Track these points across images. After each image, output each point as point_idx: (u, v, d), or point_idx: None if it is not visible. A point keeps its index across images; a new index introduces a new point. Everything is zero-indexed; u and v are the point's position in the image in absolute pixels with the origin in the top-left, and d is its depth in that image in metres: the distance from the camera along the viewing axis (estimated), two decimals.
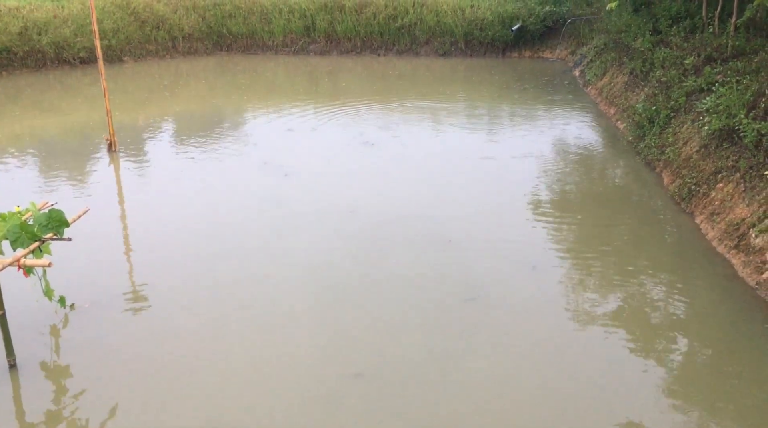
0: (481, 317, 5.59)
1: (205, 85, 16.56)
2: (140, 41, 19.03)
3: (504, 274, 6.35)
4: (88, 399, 4.53)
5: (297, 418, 4.38)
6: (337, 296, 5.91)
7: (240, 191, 8.68)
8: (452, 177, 9.18)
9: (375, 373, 4.84)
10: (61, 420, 4.35)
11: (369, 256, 6.69)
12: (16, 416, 4.42)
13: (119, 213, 8.11)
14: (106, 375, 4.78)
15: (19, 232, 4.59)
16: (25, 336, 5.05)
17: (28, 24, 16.83)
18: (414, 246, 6.91)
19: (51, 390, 4.66)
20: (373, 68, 18.53)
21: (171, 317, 5.54)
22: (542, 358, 5.04)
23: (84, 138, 11.41)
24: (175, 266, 6.48)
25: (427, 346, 5.15)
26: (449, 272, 6.38)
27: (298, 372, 4.84)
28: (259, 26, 20.33)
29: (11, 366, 4.73)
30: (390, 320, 5.53)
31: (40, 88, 15.64)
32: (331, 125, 12.34)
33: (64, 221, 4.87)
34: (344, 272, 6.36)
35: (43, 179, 9.23)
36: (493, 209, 7.98)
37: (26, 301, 5.40)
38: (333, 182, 8.98)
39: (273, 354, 5.07)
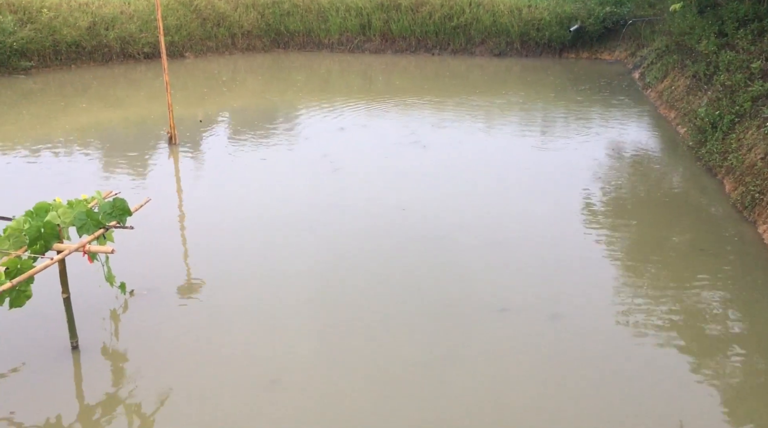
0: (532, 324, 5.53)
1: (262, 82, 16.87)
2: (201, 38, 19.53)
3: (553, 279, 6.26)
4: (143, 383, 4.70)
5: (353, 411, 4.43)
6: (385, 291, 5.94)
7: (292, 185, 8.82)
8: (503, 178, 9.11)
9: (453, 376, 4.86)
10: (118, 402, 4.52)
11: (417, 255, 6.71)
12: (77, 396, 4.62)
13: (177, 204, 8.36)
14: (162, 360, 4.94)
15: (85, 219, 4.79)
16: (87, 319, 5.27)
17: (97, 19, 17.48)
18: (461, 245, 6.89)
19: (109, 372, 4.85)
20: (427, 67, 18.51)
21: (225, 306, 5.69)
22: (594, 366, 4.96)
23: (145, 131, 11.80)
24: (230, 256, 6.64)
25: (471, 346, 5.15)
26: (496, 272, 6.33)
27: (351, 365, 4.90)
28: (315, 24, 20.57)
29: (74, 347, 4.95)
30: (437, 317, 5.53)
31: (105, 82, 16.22)
32: (383, 123, 12.41)
33: (127, 210, 5.06)
34: (393, 269, 6.39)
35: (105, 169, 9.59)
36: (543, 212, 7.88)
37: (89, 286, 5.63)
38: (383, 179, 9.03)
39: (324, 346, 5.14)
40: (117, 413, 4.41)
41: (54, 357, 4.90)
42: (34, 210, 4.81)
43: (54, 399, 4.50)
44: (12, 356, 4.92)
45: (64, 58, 17.23)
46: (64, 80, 16.10)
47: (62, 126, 12.16)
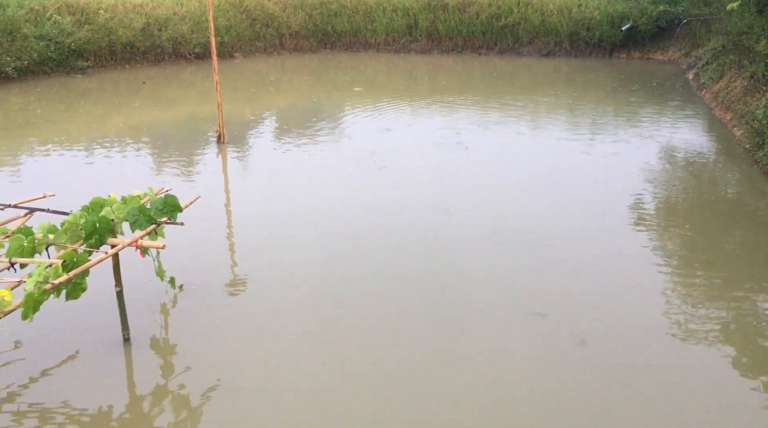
0: (572, 329, 5.43)
1: (309, 82, 17.03)
2: (250, 38, 19.86)
3: (598, 282, 6.13)
4: (191, 377, 4.79)
5: (392, 411, 4.43)
6: (427, 290, 5.92)
7: (336, 183, 8.89)
8: (549, 179, 8.97)
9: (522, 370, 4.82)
10: (167, 394, 4.63)
11: (459, 255, 6.66)
12: (128, 387, 4.74)
13: (225, 201, 8.52)
14: (209, 354, 5.04)
15: (138, 214, 4.92)
16: (138, 312, 5.41)
17: (150, 20, 17.95)
18: (504, 246, 6.81)
19: (158, 364, 4.97)
20: (473, 68, 18.39)
21: (271, 303, 5.76)
22: (644, 375, 4.83)
23: (195, 129, 12.05)
24: (276, 252, 6.73)
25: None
26: (538, 275, 6.23)
27: (389, 361, 4.90)
28: (362, 24, 20.68)
29: (125, 339, 5.08)
30: (475, 318, 5.48)
31: (157, 82, 16.65)
32: (428, 123, 12.39)
33: (178, 207, 5.17)
34: (434, 267, 6.36)
35: (156, 166, 9.84)
36: (590, 214, 7.72)
37: (141, 280, 5.78)
38: (427, 179, 9.01)
39: (369, 342, 5.15)
40: (165, 405, 4.51)
41: (106, 348, 5.04)
42: (90, 205, 4.96)
43: (105, 389, 4.63)
44: (66, 346, 5.09)
45: (119, 58, 17.76)
46: (119, 80, 16.59)
47: (116, 124, 12.53)
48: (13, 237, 4.51)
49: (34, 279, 4.02)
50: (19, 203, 5.45)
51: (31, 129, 12.13)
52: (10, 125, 12.55)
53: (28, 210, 5.39)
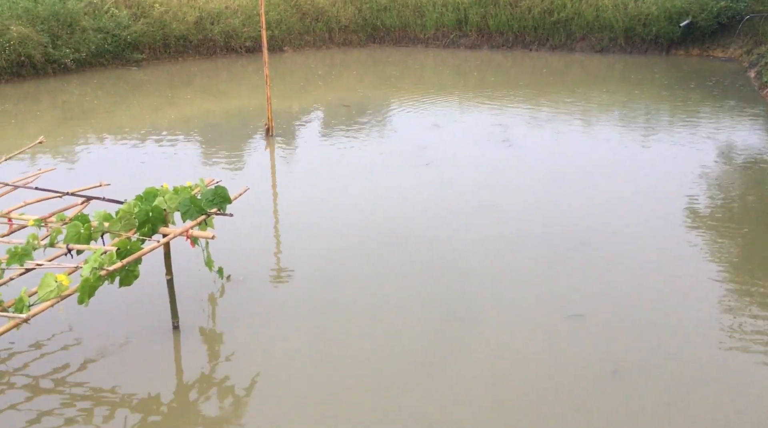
0: (610, 332, 5.27)
1: (357, 76, 17.07)
2: (300, 32, 20.02)
3: (645, 286, 5.93)
4: (236, 366, 4.85)
5: (423, 406, 4.39)
6: (470, 289, 5.85)
7: (382, 178, 8.87)
8: (598, 178, 8.75)
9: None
10: (213, 382, 4.69)
11: (503, 252, 6.56)
12: (176, 374, 4.83)
13: (272, 194, 8.60)
14: (254, 344, 5.09)
15: (189, 205, 5.00)
16: (187, 301, 5.50)
17: (203, 14, 18.28)
18: (547, 244, 6.66)
19: (205, 353, 5.04)
20: (524, 63, 18.11)
21: (315, 295, 5.78)
22: (688, 386, 4.66)
23: (244, 122, 12.22)
24: (321, 246, 6.75)
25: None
26: (581, 275, 6.08)
27: (455, 362, 4.86)
28: (412, 19, 20.61)
29: (174, 327, 5.17)
30: (514, 318, 5.39)
31: (209, 75, 16.95)
32: (476, 119, 12.27)
33: (228, 198, 5.23)
34: (475, 266, 6.28)
35: (206, 158, 10.01)
36: (641, 215, 7.49)
37: (190, 269, 5.87)
38: (473, 175, 8.91)
39: (412, 336, 5.12)
40: (211, 393, 4.57)
41: (155, 336, 5.15)
42: (143, 195, 5.07)
43: (154, 374, 4.72)
44: (118, 331, 5.21)
45: (172, 51, 18.14)
46: (172, 72, 16.95)
47: (168, 116, 12.81)
48: (71, 224, 4.63)
49: (90, 265, 4.13)
50: (76, 192, 5.61)
51: (87, 119, 12.51)
52: (68, 116, 12.97)
53: (85, 198, 5.54)
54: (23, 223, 5.12)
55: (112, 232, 4.78)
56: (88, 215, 4.88)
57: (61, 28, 16.09)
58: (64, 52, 15.90)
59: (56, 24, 15.98)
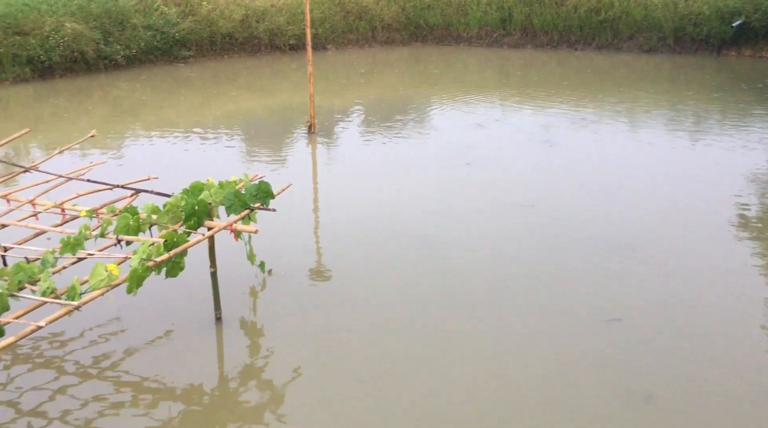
0: (651, 335, 5.16)
1: (398, 75, 17.09)
2: (343, 30, 20.14)
3: (687, 292, 5.79)
4: (276, 358, 4.92)
5: (469, 409, 4.39)
6: (511, 288, 5.81)
7: (422, 177, 8.87)
8: (643, 180, 8.57)
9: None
10: (253, 374, 4.77)
11: (541, 254, 6.49)
12: (218, 365, 4.93)
13: (313, 190, 8.69)
14: (293, 338, 5.16)
15: (233, 199, 5.10)
16: (229, 294, 5.61)
17: (249, 12, 18.55)
18: (590, 248, 6.56)
19: (246, 345, 5.14)
20: (569, 63, 17.85)
21: (354, 292, 5.83)
22: (734, 404, 4.54)
23: (287, 119, 12.37)
24: (360, 243, 6.80)
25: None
26: (620, 277, 5.97)
27: (476, 364, 4.85)
28: (455, 18, 20.52)
29: (217, 319, 5.28)
30: (546, 323, 5.32)
31: (253, 72, 17.20)
32: (518, 118, 12.15)
33: (271, 193, 5.32)
34: (514, 268, 6.23)
35: (249, 153, 10.17)
36: (687, 218, 7.31)
37: (232, 263, 5.98)
38: (514, 174, 8.85)
39: (446, 331, 5.12)
40: (251, 385, 4.65)
41: (199, 327, 5.26)
42: (189, 189, 5.18)
43: (197, 365, 4.82)
44: (162, 322, 5.34)
45: (218, 49, 18.47)
46: (218, 69, 17.25)
47: (213, 112, 13.05)
48: (121, 216, 4.78)
49: (138, 256, 4.25)
50: (126, 184, 5.78)
51: (136, 114, 12.84)
52: (118, 111, 13.33)
53: (134, 191, 5.70)
54: (76, 214, 5.31)
55: (159, 224, 4.91)
56: (137, 208, 5.02)
57: (113, 25, 16.55)
58: (115, 49, 16.35)
59: (108, 21, 16.44)
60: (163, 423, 4.22)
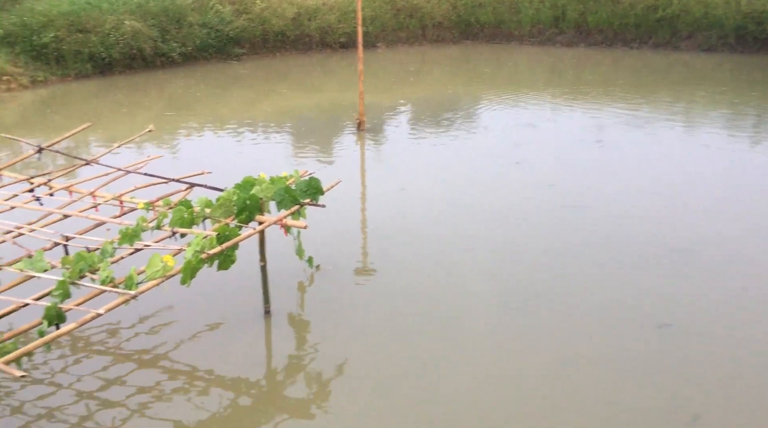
0: (708, 345, 5.00)
1: (449, 73, 17.02)
2: (393, 28, 20.17)
3: (737, 302, 5.59)
4: (322, 353, 4.98)
5: (511, 405, 4.35)
6: (558, 290, 5.72)
7: (471, 176, 8.82)
8: (698, 183, 8.31)
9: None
10: (300, 367, 4.84)
11: (590, 256, 6.36)
12: (265, 356, 5.02)
13: (360, 187, 8.74)
14: (340, 332, 5.20)
15: (284, 195, 5.18)
16: (278, 287, 5.69)
17: (301, 10, 18.78)
18: (642, 252, 6.40)
19: (294, 339, 5.21)
20: (623, 62, 17.44)
21: (400, 289, 5.85)
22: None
23: (336, 117, 12.47)
24: (406, 240, 6.81)
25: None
26: (670, 282, 5.80)
27: (505, 358, 4.81)
28: (507, 16, 20.30)
29: (266, 312, 5.38)
30: (592, 330, 5.21)
31: (304, 70, 17.40)
32: (569, 118, 11.96)
33: (320, 189, 5.38)
34: (562, 270, 6.13)
35: (299, 150, 10.29)
36: (742, 225, 7.05)
37: (281, 257, 6.07)
38: (564, 175, 8.71)
39: (486, 335, 5.09)
40: (298, 378, 4.72)
41: (248, 319, 5.36)
42: (241, 184, 5.29)
43: (245, 357, 4.92)
44: (212, 314, 5.47)
45: (270, 47, 18.76)
46: (269, 67, 17.53)
47: (264, 109, 13.27)
48: (176, 209, 4.91)
49: (192, 248, 4.36)
50: (181, 178, 5.93)
51: (191, 110, 13.16)
52: (174, 107, 13.69)
53: (189, 185, 5.85)
54: (133, 206, 5.48)
55: (212, 218, 5.03)
56: (191, 201, 5.16)
57: (170, 23, 16.99)
58: (171, 46, 16.78)
59: (165, 19, 16.88)
60: (213, 413, 4.32)
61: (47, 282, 4.36)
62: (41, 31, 15.16)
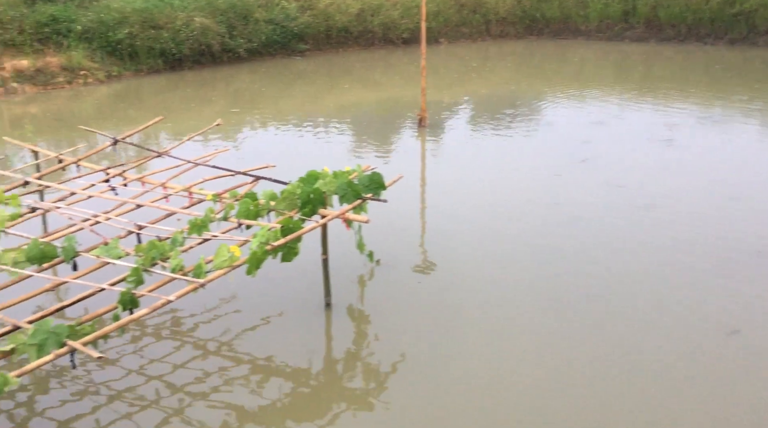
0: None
1: (512, 69, 16.78)
2: (456, 24, 20.05)
3: None
4: (381, 346, 5.01)
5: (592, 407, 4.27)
6: (622, 292, 5.56)
7: (533, 174, 8.68)
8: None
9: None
10: (359, 359, 4.88)
11: (657, 257, 6.15)
12: (325, 349, 5.09)
13: (421, 183, 8.73)
14: (398, 328, 5.22)
15: (346, 189, 5.23)
16: (339, 281, 5.75)
17: (365, 6, 18.88)
18: (715, 255, 6.15)
19: (353, 332, 5.26)
20: (696, 58, 16.78)
21: (458, 286, 5.82)
22: None
23: (397, 112, 12.48)
24: (466, 237, 6.77)
25: None
26: (752, 291, 5.53)
27: (567, 351, 4.71)
28: (574, 10, 19.87)
29: (327, 305, 5.44)
30: (658, 331, 5.03)
31: (366, 65, 17.49)
32: (637, 116, 11.61)
33: (383, 184, 5.41)
34: (632, 273, 5.95)
35: (360, 145, 10.37)
36: None
37: (343, 251, 6.14)
38: (632, 174, 8.46)
39: (549, 333, 5.00)
40: (356, 371, 4.76)
41: (309, 311, 5.44)
42: (305, 177, 5.37)
43: (305, 348, 4.99)
44: (274, 305, 5.58)
45: (334, 42, 18.94)
46: (332, 62, 17.70)
47: (327, 104, 13.42)
48: (242, 201, 5.03)
49: (258, 240, 4.46)
50: (247, 171, 6.07)
51: (255, 105, 13.44)
52: (239, 102, 14.02)
53: (254, 178, 5.98)
54: (202, 197, 5.65)
55: (277, 210, 5.12)
56: (257, 194, 5.27)
57: (237, 19, 17.39)
58: (238, 42, 17.18)
59: (233, 15, 17.29)
60: (273, 401, 4.41)
61: (121, 269, 4.55)
62: (116, 27, 15.78)
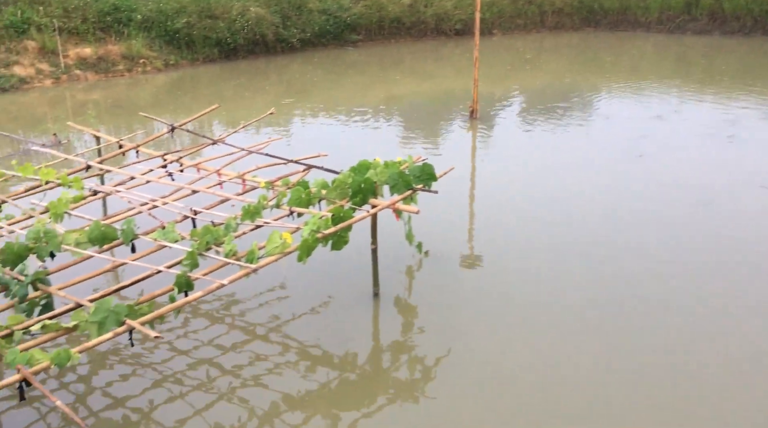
0: None
1: (567, 61, 16.44)
2: (511, 15, 19.74)
3: None
4: (427, 338, 5.00)
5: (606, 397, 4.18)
6: (676, 291, 5.40)
7: (586, 168, 8.50)
8: None
9: None
10: (405, 351, 4.89)
11: (721, 261, 5.94)
12: (372, 338, 5.12)
13: (472, 176, 8.65)
14: (445, 320, 5.20)
15: (397, 179, 5.23)
16: (387, 271, 5.77)
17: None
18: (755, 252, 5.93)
19: (400, 322, 5.27)
20: (763, 51, 16.09)
21: (505, 280, 5.78)
22: None
23: (448, 104, 12.40)
24: (516, 232, 6.70)
25: None
26: None
27: (619, 351, 4.60)
28: (633, 2, 19.33)
29: (375, 294, 5.46)
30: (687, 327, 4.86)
31: (418, 56, 17.41)
32: (697, 110, 11.25)
33: (433, 175, 5.38)
34: (681, 276, 5.76)
35: (410, 136, 10.34)
36: None
37: (392, 241, 6.14)
38: (689, 170, 8.23)
39: (593, 329, 4.89)
40: (402, 361, 4.77)
41: (357, 300, 5.48)
42: (357, 167, 5.39)
43: (353, 336, 5.02)
44: (323, 292, 5.63)
45: (386, 33, 18.92)
46: (384, 53, 17.69)
47: (377, 95, 13.42)
48: (294, 189, 5.09)
49: (309, 228, 4.51)
50: (299, 160, 6.13)
51: (308, 95, 13.56)
52: (291, 91, 14.17)
53: (306, 166, 6.04)
54: (255, 184, 5.73)
55: (328, 199, 5.16)
56: (308, 182, 5.32)
57: (291, 9, 17.54)
58: (291, 33, 17.33)
59: (287, 6, 17.45)
60: (320, 386, 4.46)
61: (176, 252, 4.66)
62: (175, 17, 16.13)
